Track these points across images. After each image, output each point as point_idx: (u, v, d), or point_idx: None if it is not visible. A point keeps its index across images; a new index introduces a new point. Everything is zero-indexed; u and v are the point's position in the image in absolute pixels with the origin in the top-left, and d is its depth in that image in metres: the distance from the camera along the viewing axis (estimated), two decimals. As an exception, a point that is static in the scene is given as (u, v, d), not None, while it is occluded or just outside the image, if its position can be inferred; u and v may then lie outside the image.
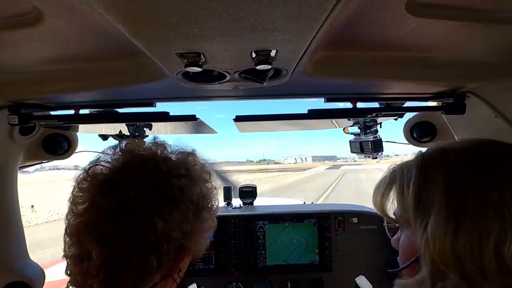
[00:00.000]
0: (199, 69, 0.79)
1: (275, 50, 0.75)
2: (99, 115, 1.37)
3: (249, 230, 1.81)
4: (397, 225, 0.74)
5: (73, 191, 0.70)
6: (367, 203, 1.67)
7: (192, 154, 0.81)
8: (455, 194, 0.60)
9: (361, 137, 1.62)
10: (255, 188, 2.13)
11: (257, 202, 2.13)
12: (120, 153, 0.74)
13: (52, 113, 1.33)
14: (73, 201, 0.69)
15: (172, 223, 0.66)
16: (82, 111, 1.31)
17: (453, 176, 0.62)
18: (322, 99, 1.33)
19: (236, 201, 2.10)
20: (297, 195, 17.32)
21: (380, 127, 1.57)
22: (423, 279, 0.62)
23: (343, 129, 1.79)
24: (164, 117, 1.32)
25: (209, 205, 0.79)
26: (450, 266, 0.58)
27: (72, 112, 1.29)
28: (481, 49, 0.89)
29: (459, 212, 0.59)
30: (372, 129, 1.56)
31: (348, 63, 0.98)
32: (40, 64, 0.91)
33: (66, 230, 0.68)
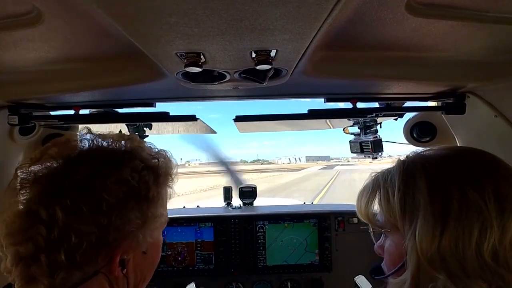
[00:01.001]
0: (199, 69, 0.79)
1: (275, 50, 0.75)
2: (99, 115, 1.37)
3: (249, 230, 1.81)
4: (383, 230, 0.76)
5: None
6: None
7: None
8: (439, 197, 0.63)
9: (361, 137, 1.62)
10: (255, 188, 2.12)
11: (256, 202, 2.12)
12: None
13: (52, 113, 1.34)
14: None
15: (78, 215, 0.60)
16: (82, 111, 1.31)
17: (436, 180, 0.65)
18: (322, 99, 1.33)
19: (236, 201, 2.10)
20: (292, 196, 17.05)
21: (380, 127, 1.57)
22: (406, 280, 0.64)
23: (343, 129, 1.79)
24: (164, 117, 1.32)
25: (149, 195, 0.67)
26: (436, 266, 0.60)
27: (72, 112, 1.30)
28: (481, 49, 0.89)
29: (445, 214, 0.62)
30: (372, 129, 1.56)
31: (348, 63, 0.98)
32: (40, 64, 0.91)
33: None
